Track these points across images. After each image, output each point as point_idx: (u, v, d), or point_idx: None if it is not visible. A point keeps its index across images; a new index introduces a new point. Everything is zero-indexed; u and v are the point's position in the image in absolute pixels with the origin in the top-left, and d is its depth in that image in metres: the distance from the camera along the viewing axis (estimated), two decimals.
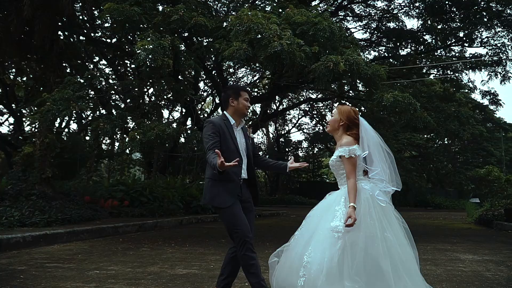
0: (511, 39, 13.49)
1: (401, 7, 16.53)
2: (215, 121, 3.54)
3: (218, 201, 3.42)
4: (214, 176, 3.41)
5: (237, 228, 3.37)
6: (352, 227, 2.78)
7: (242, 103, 3.59)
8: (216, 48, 7.67)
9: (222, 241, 7.96)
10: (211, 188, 3.47)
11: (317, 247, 2.86)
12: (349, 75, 6.67)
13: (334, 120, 3.27)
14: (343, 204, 2.97)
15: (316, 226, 3.03)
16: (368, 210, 2.94)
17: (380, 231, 2.86)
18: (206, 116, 20.26)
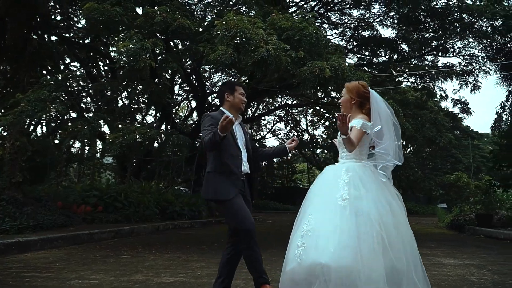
0: (481, 49, 14.00)
1: (377, 17, 16.93)
2: (213, 115, 3.56)
3: (222, 194, 3.38)
4: (215, 168, 3.42)
5: (243, 220, 3.32)
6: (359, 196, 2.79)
7: (238, 97, 3.61)
8: (200, 52, 7.57)
9: (203, 247, 7.81)
10: (214, 181, 3.42)
11: (320, 215, 2.81)
12: (334, 81, 6.71)
13: (346, 100, 3.22)
14: (344, 174, 2.94)
15: (314, 198, 3.01)
16: (373, 180, 2.95)
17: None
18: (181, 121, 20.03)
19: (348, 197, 2.80)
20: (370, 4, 16.15)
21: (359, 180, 2.92)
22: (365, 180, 2.95)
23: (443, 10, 12.65)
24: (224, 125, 3.05)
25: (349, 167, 3.01)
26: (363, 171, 3.01)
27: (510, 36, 12.64)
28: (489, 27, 12.56)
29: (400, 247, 2.75)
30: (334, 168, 3.15)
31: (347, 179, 2.90)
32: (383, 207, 2.86)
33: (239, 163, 3.46)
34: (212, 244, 8.27)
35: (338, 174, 2.99)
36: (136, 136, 6.83)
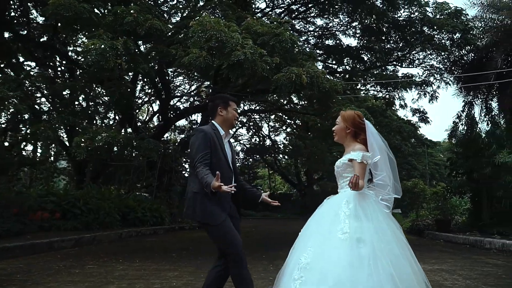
0: (439, 61, 14.61)
1: (340, 26, 17.31)
2: (206, 131, 3.31)
3: (211, 218, 3.18)
4: (202, 190, 3.16)
5: (232, 244, 3.18)
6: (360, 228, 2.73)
7: (231, 113, 3.42)
8: (173, 54, 7.36)
9: (173, 255, 7.55)
10: (202, 204, 3.20)
11: (320, 249, 2.72)
12: (310, 88, 6.71)
13: (341, 128, 3.15)
14: (345, 205, 2.86)
15: (314, 230, 2.91)
16: (374, 210, 2.90)
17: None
18: (142, 124, 19.48)
19: (348, 230, 2.71)
20: (334, 13, 16.49)
21: (361, 210, 2.85)
22: (367, 209, 2.88)
23: (406, 23, 13.08)
24: (218, 188, 2.88)
25: (349, 198, 2.91)
26: (364, 200, 2.95)
27: (467, 49, 13.26)
28: (448, 40, 13.12)
29: (411, 278, 2.72)
30: (334, 199, 3.05)
31: (348, 211, 2.82)
32: (387, 236, 2.81)
33: (229, 184, 3.24)
34: (181, 252, 8.03)
35: (339, 205, 2.91)
36: (105, 139, 6.50)
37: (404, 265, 2.73)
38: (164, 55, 7.72)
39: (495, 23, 12.89)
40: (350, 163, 3.02)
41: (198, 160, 3.15)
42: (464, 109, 13.65)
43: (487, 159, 10.91)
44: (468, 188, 12.55)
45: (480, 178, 11.31)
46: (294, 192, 29.98)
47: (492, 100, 13.68)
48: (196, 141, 3.25)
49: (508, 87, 11.78)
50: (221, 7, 8.18)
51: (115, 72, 6.99)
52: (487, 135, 11.66)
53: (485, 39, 12.77)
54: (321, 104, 7.97)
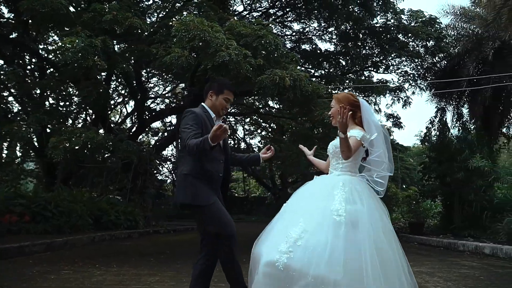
0: (413, 68, 14.96)
1: (316, 31, 17.49)
2: (197, 112, 3.24)
3: (202, 199, 3.10)
4: (194, 171, 3.13)
5: (226, 225, 3.12)
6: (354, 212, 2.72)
7: (220, 101, 3.32)
8: (153, 53, 7.21)
9: (151, 259, 7.37)
10: (192, 185, 3.12)
11: (313, 227, 2.68)
12: (293, 91, 6.71)
13: (337, 111, 3.12)
14: (341, 188, 2.85)
15: (305, 206, 2.87)
16: (369, 195, 2.91)
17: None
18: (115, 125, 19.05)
19: (344, 214, 2.70)
20: (311, 18, 16.65)
21: (356, 194, 2.86)
22: (362, 194, 2.90)
23: (382, 29, 13.32)
24: (217, 134, 2.78)
25: (345, 181, 2.93)
26: (360, 185, 2.96)
27: (440, 56, 13.64)
28: (422, 48, 13.47)
29: (393, 267, 2.72)
30: (329, 178, 3.05)
31: (344, 194, 2.81)
32: (377, 222, 2.83)
33: (220, 168, 3.26)
34: (158, 256, 7.85)
35: (334, 185, 2.89)
36: (83, 141, 6.28)
37: (389, 256, 2.74)
38: (144, 54, 7.56)
39: (467, 32, 13.32)
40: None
41: (189, 138, 3.05)
42: (436, 115, 14.04)
43: (459, 164, 11.22)
44: (440, 192, 12.85)
45: (453, 183, 11.61)
46: (269, 196, 29.99)
47: (463, 106, 14.12)
48: (187, 122, 3.16)
49: (478, 95, 12.17)
50: (203, 7, 8.09)
51: (93, 71, 6.76)
52: (459, 140, 11.98)
53: (458, 47, 13.17)
54: (303, 107, 7.99)
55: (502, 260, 7.39)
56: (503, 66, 11.70)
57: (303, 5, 15.61)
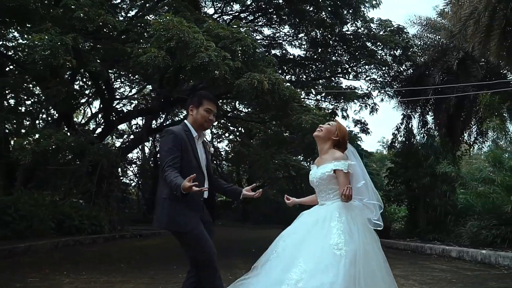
0: (380, 76, 15.32)
1: (287, 37, 17.61)
2: (176, 132, 3.07)
3: (180, 225, 2.96)
4: (172, 195, 2.94)
5: (205, 252, 2.97)
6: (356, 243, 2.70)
7: (201, 114, 3.13)
8: (128, 52, 7.00)
9: (121, 265, 7.12)
10: (171, 210, 2.97)
11: (313, 266, 2.63)
12: (271, 95, 6.69)
13: (330, 130, 3.11)
14: (338, 219, 2.82)
15: (302, 243, 2.81)
16: (362, 222, 2.90)
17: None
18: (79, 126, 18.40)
19: (344, 247, 2.67)
20: (281, 24, 16.77)
21: (352, 223, 2.84)
22: (357, 222, 2.88)
23: (353, 37, 13.58)
24: (190, 190, 2.68)
25: (340, 210, 2.89)
26: (353, 211, 2.94)
27: (407, 65, 14.05)
28: (390, 56, 13.83)
29: None
30: (323, 211, 2.95)
31: (342, 226, 2.78)
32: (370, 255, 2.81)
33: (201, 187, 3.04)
34: (129, 262, 7.59)
35: (332, 217, 2.85)
36: (53, 142, 5.98)
37: (380, 277, 2.78)
38: (118, 53, 7.32)
39: (433, 42, 13.80)
40: (334, 174, 2.99)
41: (167, 163, 2.92)
42: (403, 122, 14.43)
43: (425, 170, 11.57)
44: (406, 196, 13.20)
45: (418, 188, 11.95)
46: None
47: (428, 114, 14.61)
48: (166, 144, 3.02)
49: (443, 103, 12.62)
50: (180, 9, 7.93)
51: (64, 70, 6.48)
52: (425, 147, 12.36)
53: (424, 57, 13.62)
54: (280, 111, 7.98)
55: (468, 263, 7.64)
56: (467, 76, 12.20)
57: (274, 11, 15.71)
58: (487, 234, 8.82)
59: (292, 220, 13.20)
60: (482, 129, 13.36)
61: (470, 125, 13.80)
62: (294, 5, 13.58)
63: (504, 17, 9.19)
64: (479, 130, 13.94)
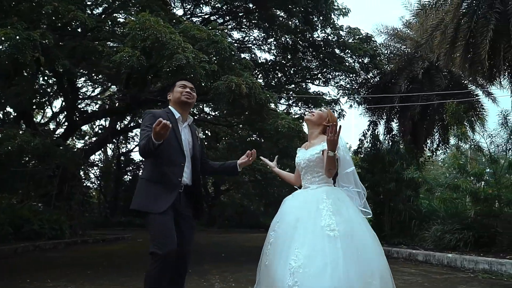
0: (347, 82, 15.63)
1: (256, 41, 17.63)
2: (155, 112, 3.04)
3: (147, 206, 2.84)
4: (150, 176, 2.92)
5: (161, 241, 2.77)
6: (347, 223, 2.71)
7: (176, 91, 3.12)
8: (99, 51, 6.76)
9: (88, 272, 6.82)
10: (144, 190, 2.91)
11: (309, 250, 2.59)
12: (248, 98, 6.63)
13: (322, 116, 3.13)
14: (325, 201, 2.80)
15: (294, 230, 2.76)
16: (351, 205, 2.92)
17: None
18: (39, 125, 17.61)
19: (337, 227, 2.65)
20: (250, 28, 16.81)
21: (340, 204, 2.85)
22: (346, 203, 2.89)
23: (323, 43, 13.76)
24: (157, 132, 2.56)
25: (327, 192, 2.89)
26: (341, 194, 2.95)
27: (374, 73, 14.41)
28: (358, 63, 14.13)
29: (384, 269, 2.76)
30: (311, 195, 2.93)
31: (330, 207, 2.76)
32: (363, 229, 2.85)
33: (180, 172, 2.96)
34: (96, 268, 7.29)
35: (318, 200, 2.83)
36: (16, 143, 5.65)
37: (375, 255, 2.77)
38: (89, 51, 7.04)
39: (399, 51, 14.22)
40: (323, 156, 2.98)
41: (141, 138, 2.87)
42: (369, 128, 14.75)
43: (391, 175, 11.85)
44: (372, 201, 13.46)
45: (384, 192, 12.23)
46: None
47: (393, 121, 15.01)
48: (143, 123, 2.98)
49: (408, 110, 13.01)
50: (153, 6, 7.73)
51: (31, 67, 6.16)
52: (391, 153, 12.67)
53: (391, 65, 14.00)
54: (256, 115, 7.92)
55: (435, 267, 7.86)
56: (431, 85, 12.65)
57: (244, 15, 15.70)
58: (451, 238, 9.11)
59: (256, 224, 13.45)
60: (444, 137, 13.89)
61: (433, 133, 14.30)
62: (265, 10, 13.63)
63: (468, 29, 9.59)
64: (441, 137, 14.49)
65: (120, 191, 25.67)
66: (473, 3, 9.92)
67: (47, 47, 6.69)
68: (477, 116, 12.58)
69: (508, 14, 8.91)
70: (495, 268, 6.64)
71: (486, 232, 8.62)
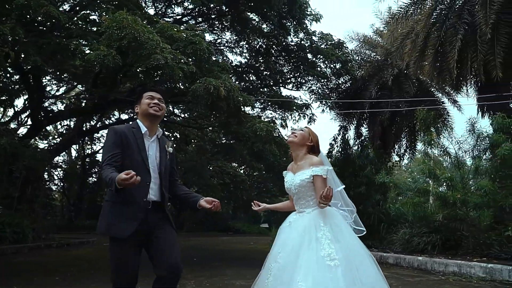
0: (319, 87, 15.80)
1: (228, 43, 17.58)
2: (118, 129, 2.89)
3: (110, 229, 2.76)
4: (113, 197, 2.77)
5: (113, 277, 2.81)
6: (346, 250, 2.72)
7: (143, 103, 2.96)
8: (72, 49, 6.52)
9: (56, 278, 6.54)
10: (108, 213, 2.79)
11: (312, 281, 2.59)
12: (226, 101, 6.57)
13: (304, 136, 3.10)
14: (323, 229, 2.81)
15: (297, 260, 2.74)
16: (345, 225, 2.95)
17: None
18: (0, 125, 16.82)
19: (336, 256, 2.67)
20: (222, 30, 16.75)
21: (337, 230, 2.85)
22: (342, 228, 2.91)
23: (297, 48, 13.86)
24: (123, 183, 2.45)
25: (323, 219, 2.88)
26: (336, 218, 2.96)
27: (345, 78, 14.65)
28: (329, 69, 14.31)
29: None
30: (306, 222, 2.91)
31: (329, 235, 2.78)
32: (361, 253, 2.89)
33: (145, 191, 2.82)
34: (64, 274, 7.00)
35: (316, 227, 2.83)
36: None
37: (376, 279, 2.85)
38: (61, 48, 6.77)
39: (370, 58, 14.53)
40: (312, 181, 2.97)
41: (104, 162, 2.73)
42: (339, 133, 14.98)
43: (361, 179, 12.06)
44: None
45: (354, 196, 12.42)
46: (169, 206, 29.13)
47: (362, 126, 15.31)
48: (106, 142, 2.86)
49: (378, 116, 13.31)
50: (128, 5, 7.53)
51: (1, 63, 5.87)
52: (361, 157, 12.90)
53: (362, 71, 14.29)
54: (233, 117, 7.85)
55: (406, 269, 8.03)
56: (400, 91, 13.00)
57: (217, 17, 15.62)
58: (419, 241, 9.35)
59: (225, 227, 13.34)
60: (412, 142, 14.29)
61: (400, 138, 14.69)
62: (238, 13, 13.60)
63: (438, 39, 9.92)
64: (408, 143, 14.91)
65: (85, 193, 24.91)
66: (442, 13, 10.28)
67: (16, 42, 6.41)
68: (443, 123, 13.01)
69: (475, 25, 9.27)
70: (464, 270, 6.86)
71: (452, 236, 8.90)
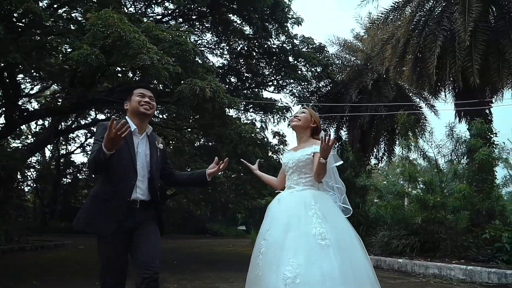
0: (299, 90, 15.90)
1: (208, 45, 17.49)
2: (106, 124, 2.70)
3: (89, 226, 2.68)
4: (98, 193, 2.74)
5: (102, 278, 2.77)
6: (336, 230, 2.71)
7: (134, 100, 2.88)
8: (54, 46, 6.36)
9: (34, 282, 6.33)
10: (89, 209, 2.72)
11: (304, 258, 2.57)
12: (212, 103, 6.52)
13: (307, 118, 3.11)
14: (314, 207, 2.80)
15: (286, 236, 2.72)
16: (336, 209, 2.95)
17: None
18: None
19: (328, 236, 2.65)
20: (203, 31, 16.68)
21: (329, 210, 2.86)
22: (333, 209, 2.92)
23: (279, 50, 13.91)
24: (110, 137, 2.38)
25: (314, 196, 2.89)
26: (329, 200, 2.97)
27: (326, 82, 14.79)
28: (310, 72, 14.43)
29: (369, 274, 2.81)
30: (298, 196, 2.93)
31: (320, 213, 2.76)
32: (350, 233, 2.88)
33: (129, 189, 2.74)
34: (42, 278, 6.78)
35: (306, 205, 2.81)
36: None
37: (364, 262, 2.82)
38: (42, 46, 6.58)
39: (350, 62, 14.72)
40: (313, 158, 2.98)
41: (91, 154, 2.65)
42: None
43: None
44: None
45: None
46: None
47: (342, 129, 15.48)
48: (95, 137, 2.77)
49: (357, 120, 13.48)
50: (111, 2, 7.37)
51: None
52: None
53: (342, 75, 14.46)
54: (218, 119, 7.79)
55: (387, 271, 8.14)
56: (379, 96, 13.21)
57: (197, 18, 15.53)
58: (398, 244, 9.50)
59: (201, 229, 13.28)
60: (390, 146, 14.52)
61: (379, 142, 14.92)
62: (219, 15, 13.55)
63: (417, 44, 10.13)
64: (386, 146, 15.16)
65: (59, 195, 24.28)
66: (422, 20, 10.51)
67: None
68: (420, 127, 13.28)
69: (454, 32, 9.52)
70: (445, 272, 7.00)
71: (431, 238, 9.08)
